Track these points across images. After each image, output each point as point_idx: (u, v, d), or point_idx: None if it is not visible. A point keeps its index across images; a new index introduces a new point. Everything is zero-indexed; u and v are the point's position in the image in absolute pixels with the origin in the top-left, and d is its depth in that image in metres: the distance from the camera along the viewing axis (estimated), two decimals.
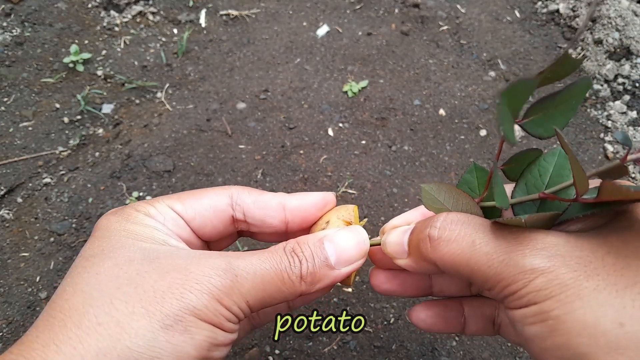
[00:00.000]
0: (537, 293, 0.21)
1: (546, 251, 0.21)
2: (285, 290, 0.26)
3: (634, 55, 0.76)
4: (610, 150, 0.69)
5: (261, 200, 0.30)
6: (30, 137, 0.68)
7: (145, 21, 0.84)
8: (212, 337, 0.24)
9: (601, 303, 0.19)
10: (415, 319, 0.32)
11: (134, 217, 0.27)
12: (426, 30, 0.84)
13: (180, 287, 0.23)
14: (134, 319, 0.22)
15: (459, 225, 0.24)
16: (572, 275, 0.20)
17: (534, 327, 0.21)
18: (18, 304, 0.53)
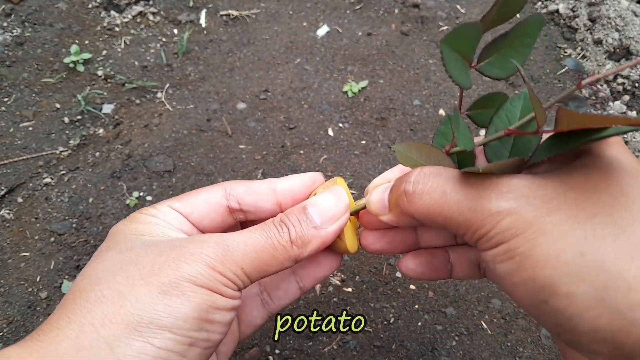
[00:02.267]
0: (504, 233, 0.22)
1: (511, 193, 0.22)
2: (279, 256, 0.28)
3: (634, 55, 0.76)
4: None
5: (252, 187, 0.32)
6: (30, 137, 0.68)
7: (146, 21, 0.85)
8: (210, 301, 0.25)
9: (563, 236, 0.21)
10: (405, 268, 0.33)
11: (137, 218, 0.30)
12: (426, 30, 0.84)
13: (176, 260, 0.26)
14: (134, 288, 0.24)
15: (431, 178, 0.25)
16: (535, 213, 0.21)
17: (503, 265, 0.22)
18: (18, 304, 0.53)
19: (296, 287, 0.35)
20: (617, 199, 0.21)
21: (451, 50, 0.26)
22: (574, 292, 0.20)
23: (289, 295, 0.35)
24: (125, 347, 0.23)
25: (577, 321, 0.20)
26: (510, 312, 0.54)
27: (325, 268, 0.34)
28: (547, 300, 0.21)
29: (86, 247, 0.58)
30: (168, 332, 0.24)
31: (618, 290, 0.20)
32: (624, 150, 0.24)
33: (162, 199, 0.62)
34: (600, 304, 0.20)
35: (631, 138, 0.69)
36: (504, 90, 0.76)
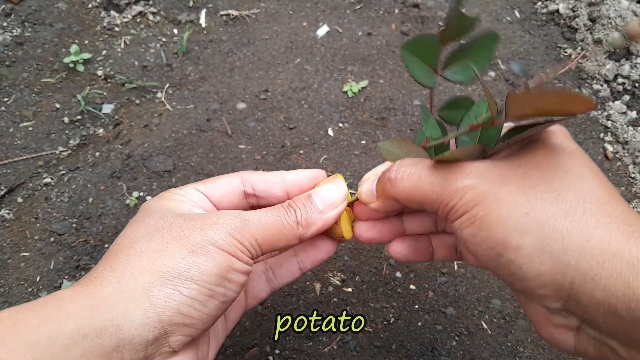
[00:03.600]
0: (467, 204, 0.27)
1: (473, 173, 0.27)
2: (286, 233, 0.33)
3: (634, 55, 0.76)
4: (610, 150, 0.69)
5: (265, 176, 0.38)
6: (30, 137, 0.68)
7: (146, 21, 0.85)
8: (229, 262, 0.30)
9: (512, 201, 0.26)
10: (393, 252, 0.39)
11: (167, 196, 0.35)
12: (426, 30, 0.84)
13: (203, 227, 0.30)
14: (167, 247, 0.29)
15: (410, 166, 0.30)
16: (491, 186, 0.26)
17: (467, 230, 0.27)
18: (18, 304, 0.53)
19: (297, 267, 0.40)
20: (556, 172, 0.26)
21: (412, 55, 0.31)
22: (521, 245, 0.25)
23: (290, 274, 0.40)
24: (158, 292, 0.28)
25: (525, 268, 0.25)
26: (510, 312, 0.54)
27: (323, 252, 0.40)
28: (501, 253, 0.26)
29: (86, 247, 0.58)
30: (194, 284, 0.28)
31: (555, 240, 0.24)
32: (567, 138, 0.29)
33: None
34: (542, 252, 0.24)
35: (632, 138, 0.69)
36: (504, 90, 0.76)
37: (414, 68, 0.30)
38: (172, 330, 0.28)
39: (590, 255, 0.23)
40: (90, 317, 0.26)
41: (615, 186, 0.65)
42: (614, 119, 0.72)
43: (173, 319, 0.28)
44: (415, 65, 0.30)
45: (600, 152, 0.69)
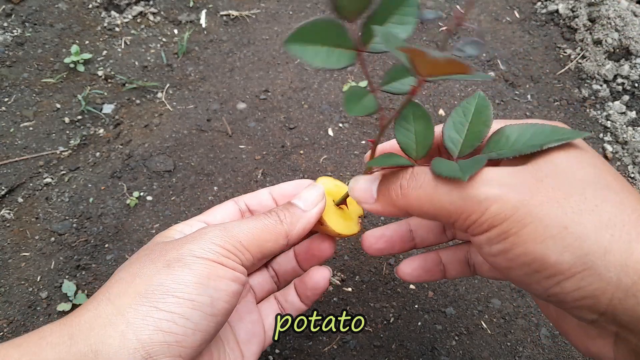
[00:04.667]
0: (494, 218, 0.25)
1: (495, 181, 0.25)
2: (271, 230, 0.32)
3: (633, 55, 0.76)
4: (609, 150, 0.69)
5: (254, 193, 0.40)
6: (31, 137, 0.68)
7: (146, 21, 0.85)
8: (211, 269, 0.29)
9: (547, 214, 0.24)
10: (402, 274, 0.38)
11: (165, 234, 0.35)
12: (426, 30, 0.84)
13: (182, 242, 0.30)
14: (143, 269, 0.29)
15: (422, 175, 0.28)
16: (520, 197, 0.25)
17: (498, 246, 0.25)
18: (19, 304, 0.53)
19: (298, 300, 0.41)
20: (587, 183, 0.25)
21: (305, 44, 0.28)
22: (561, 261, 0.24)
23: (295, 307, 0.40)
24: (134, 312, 0.26)
25: (564, 284, 0.24)
26: (510, 312, 0.54)
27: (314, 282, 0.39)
28: (538, 270, 0.24)
29: (86, 247, 0.58)
30: (171, 296, 0.27)
31: (597, 255, 0.23)
32: (585, 146, 0.28)
33: (162, 199, 0.62)
34: (583, 268, 0.23)
35: (631, 138, 0.69)
36: (504, 90, 0.76)
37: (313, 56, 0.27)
38: (156, 351, 0.26)
39: (633, 270, 0.22)
40: (69, 344, 0.25)
41: None
42: (613, 119, 0.72)
43: (153, 338, 0.26)
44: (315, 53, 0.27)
45: (599, 152, 0.69)
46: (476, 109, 0.32)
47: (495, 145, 0.29)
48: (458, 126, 0.32)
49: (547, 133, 0.27)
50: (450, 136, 0.32)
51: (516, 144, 0.28)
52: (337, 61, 0.28)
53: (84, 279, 0.55)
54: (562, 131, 0.27)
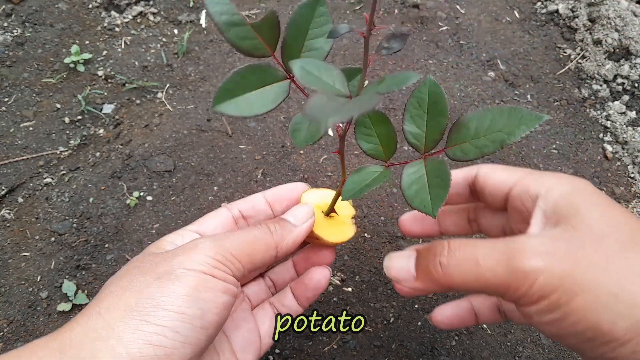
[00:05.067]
0: (543, 289, 0.25)
1: (538, 252, 0.26)
2: (261, 240, 0.33)
3: (633, 55, 0.76)
4: (609, 150, 0.69)
5: (247, 198, 0.40)
6: (31, 137, 0.68)
7: (146, 21, 0.85)
8: (201, 281, 0.28)
9: (596, 283, 0.24)
10: (436, 322, 0.39)
11: (157, 244, 0.35)
12: (426, 30, 0.84)
13: (172, 255, 0.30)
14: (133, 282, 0.28)
15: (462, 250, 0.28)
16: (565, 267, 0.25)
17: (549, 316, 0.26)
18: (19, 304, 0.53)
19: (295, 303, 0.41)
20: (626, 245, 0.25)
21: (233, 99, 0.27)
22: (615, 329, 0.24)
23: (291, 310, 0.40)
24: (124, 326, 0.26)
25: (620, 350, 0.24)
26: None
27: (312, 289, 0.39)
28: (593, 338, 0.25)
29: (86, 247, 0.58)
30: (162, 310, 0.27)
31: None
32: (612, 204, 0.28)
33: (162, 199, 0.62)
34: (637, 333, 0.24)
35: (631, 138, 0.69)
36: (504, 90, 0.76)
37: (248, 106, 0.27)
38: None
39: None
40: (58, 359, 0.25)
41: (614, 186, 0.65)
42: (613, 119, 0.72)
43: (143, 352, 0.26)
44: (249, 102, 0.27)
45: (599, 152, 0.69)
46: (430, 98, 0.31)
47: (457, 137, 0.28)
48: (417, 119, 0.31)
49: (505, 119, 0.26)
50: (411, 132, 0.31)
51: (477, 135, 0.27)
52: (275, 97, 0.28)
53: (84, 279, 0.55)
54: (519, 114, 0.26)
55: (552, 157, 0.68)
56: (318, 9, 0.29)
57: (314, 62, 0.25)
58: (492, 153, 0.27)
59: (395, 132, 0.32)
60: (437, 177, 0.28)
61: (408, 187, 0.29)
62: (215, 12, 0.26)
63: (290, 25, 0.29)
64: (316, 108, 0.21)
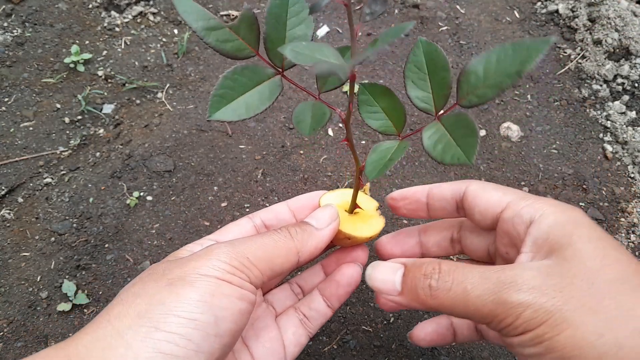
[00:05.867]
0: (529, 323, 0.25)
1: (525, 285, 0.26)
2: (282, 245, 0.31)
3: (633, 55, 0.76)
4: (609, 150, 0.69)
5: (270, 208, 0.38)
6: (31, 137, 0.68)
7: (146, 21, 0.85)
8: (215, 286, 0.27)
9: (582, 322, 0.24)
10: (417, 339, 0.39)
11: (176, 254, 0.33)
12: (426, 30, 0.84)
13: (186, 261, 0.29)
14: (145, 289, 0.27)
15: (452, 275, 0.28)
16: (552, 302, 0.25)
17: (532, 349, 0.26)
18: (19, 304, 0.53)
19: (324, 305, 0.38)
20: (616, 283, 0.25)
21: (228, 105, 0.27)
22: None
23: (320, 314, 0.38)
24: (134, 333, 0.25)
25: None
26: None
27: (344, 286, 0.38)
28: None
29: (86, 247, 0.58)
30: (173, 316, 0.25)
31: None
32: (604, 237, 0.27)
33: (162, 199, 0.62)
34: None
35: (631, 138, 0.69)
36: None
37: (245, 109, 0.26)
38: None
39: None
40: None
41: (614, 186, 0.65)
42: (613, 119, 0.72)
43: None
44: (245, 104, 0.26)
45: (599, 152, 0.69)
46: (427, 57, 0.30)
47: (467, 86, 0.27)
48: (419, 82, 0.30)
49: (511, 54, 0.25)
50: (417, 96, 0.30)
51: (488, 77, 0.26)
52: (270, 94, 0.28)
53: (84, 279, 0.55)
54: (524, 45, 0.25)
55: (552, 157, 0.68)
56: None
57: (303, 44, 0.25)
58: (511, 86, 0.26)
59: (400, 102, 0.31)
60: (461, 128, 0.27)
61: (433, 148, 0.27)
62: (190, 19, 0.25)
63: (268, 20, 0.28)
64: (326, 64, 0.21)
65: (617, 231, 0.61)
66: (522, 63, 0.24)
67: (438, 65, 0.29)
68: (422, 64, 0.30)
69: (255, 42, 0.27)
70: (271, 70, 0.28)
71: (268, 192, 0.63)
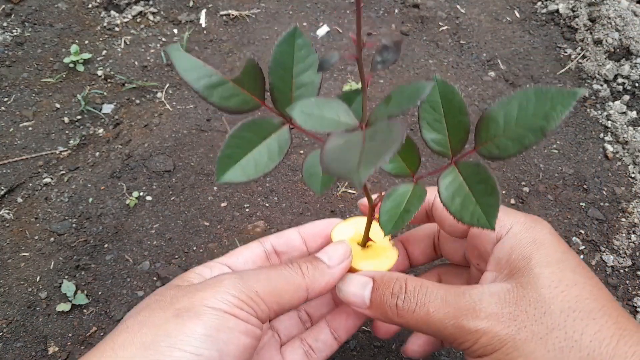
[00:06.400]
0: (485, 348, 0.27)
1: (483, 312, 0.27)
2: (292, 281, 0.30)
3: (634, 55, 0.76)
4: (610, 150, 0.69)
5: (281, 233, 0.38)
6: (30, 137, 0.68)
7: (146, 21, 0.85)
8: (221, 320, 0.27)
9: (532, 351, 0.26)
10: (411, 352, 0.39)
11: (185, 276, 0.33)
12: (426, 30, 0.84)
13: (193, 290, 0.28)
14: (151, 317, 0.27)
15: (416, 296, 0.29)
16: (506, 330, 0.27)
17: None
18: (18, 304, 0.53)
19: (332, 337, 0.38)
20: (567, 312, 0.26)
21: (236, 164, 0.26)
22: None
23: (327, 347, 0.38)
24: None
25: None
26: None
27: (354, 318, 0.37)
28: None
29: (86, 247, 0.58)
30: (177, 349, 0.25)
31: None
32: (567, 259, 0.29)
33: (162, 199, 0.62)
34: None
35: (632, 138, 0.69)
36: (504, 90, 0.76)
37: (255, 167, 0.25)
38: None
39: None
40: None
41: (615, 186, 0.65)
42: (613, 119, 0.72)
43: None
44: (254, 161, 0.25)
45: (600, 152, 0.69)
46: (443, 99, 0.28)
47: (487, 134, 0.25)
48: (435, 124, 0.28)
49: (533, 103, 0.23)
50: (433, 139, 0.29)
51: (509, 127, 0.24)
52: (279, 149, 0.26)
53: (84, 279, 0.55)
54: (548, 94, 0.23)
55: (552, 157, 0.68)
56: (297, 43, 0.27)
57: (311, 102, 0.24)
58: (535, 144, 0.23)
59: (414, 142, 0.30)
60: (480, 182, 0.26)
61: (451, 202, 0.26)
62: (192, 79, 0.24)
63: (273, 68, 0.27)
64: (336, 159, 0.18)
65: (617, 231, 0.61)
66: (546, 117, 0.23)
67: (455, 107, 0.28)
68: (438, 104, 0.28)
69: (260, 93, 0.26)
70: (279, 119, 0.26)
71: (268, 192, 0.63)
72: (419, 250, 0.40)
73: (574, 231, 0.60)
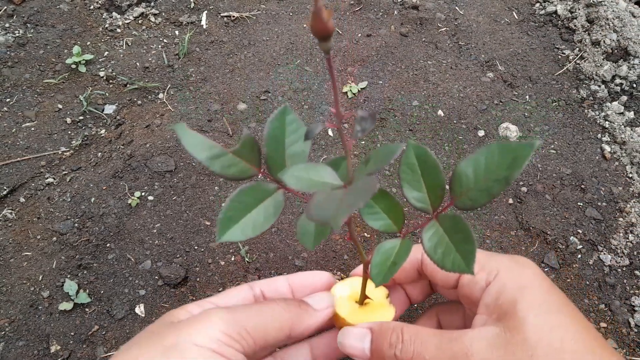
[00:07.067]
0: None
1: (474, 357, 0.29)
2: (279, 319, 0.31)
3: (632, 56, 0.77)
4: (607, 151, 0.69)
5: (271, 280, 0.39)
6: (33, 137, 0.68)
7: (147, 23, 0.85)
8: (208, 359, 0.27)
9: None
10: None
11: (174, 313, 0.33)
12: (425, 31, 0.85)
13: (182, 326, 0.28)
14: (140, 355, 0.27)
15: (412, 345, 0.31)
16: None
17: None
18: (20, 303, 0.54)
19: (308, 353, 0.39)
20: (550, 355, 0.28)
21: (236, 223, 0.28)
22: None
23: None
24: None
25: None
26: None
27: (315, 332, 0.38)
28: None
29: (88, 246, 0.58)
30: None
31: None
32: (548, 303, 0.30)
33: (163, 199, 0.62)
34: None
35: (629, 138, 0.70)
36: (502, 91, 0.76)
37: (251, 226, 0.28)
38: None
39: None
40: None
41: (613, 186, 0.65)
42: (611, 120, 0.72)
43: None
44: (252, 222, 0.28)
45: (597, 152, 0.69)
46: (419, 160, 0.32)
47: (459, 188, 0.29)
48: (414, 184, 0.31)
49: (497, 157, 0.27)
50: (414, 197, 0.31)
51: (478, 179, 0.28)
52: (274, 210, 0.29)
53: (86, 278, 0.56)
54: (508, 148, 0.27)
55: (550, 157, 0.68)
56: (287, 118, 0.32)
57: (301, 167, 0.27)
58: (501, 192, 0.27)
59: (398, 202, 0.33)
60: (457, 232, 0.28)
61: (434, 252, 0.29)
62: (196, 152, 0.27)
63: (267, 141, 0.31)
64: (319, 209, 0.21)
65: (615, 231, 0.61)
66: (509, 168, 0.26)
67: (430, 167, 0.31)
68: (415, 166, 0.31)
69: (257, 162, 0.29)
70: (273, 185, 0.30)
71: None
72: (419, 290, 0.42)
73: (571, 231, 0.61)
